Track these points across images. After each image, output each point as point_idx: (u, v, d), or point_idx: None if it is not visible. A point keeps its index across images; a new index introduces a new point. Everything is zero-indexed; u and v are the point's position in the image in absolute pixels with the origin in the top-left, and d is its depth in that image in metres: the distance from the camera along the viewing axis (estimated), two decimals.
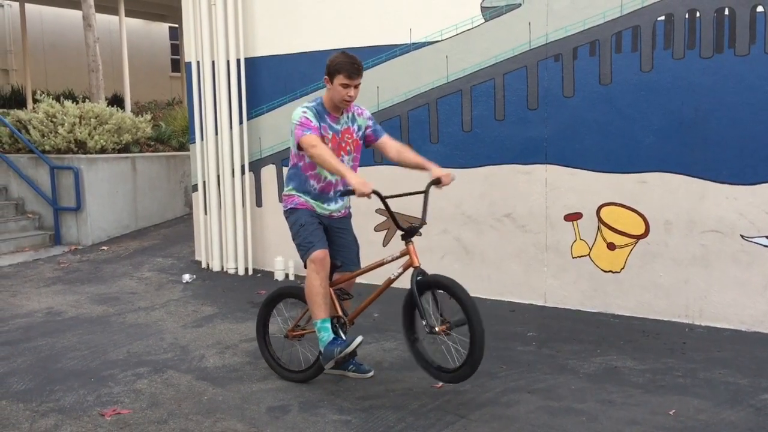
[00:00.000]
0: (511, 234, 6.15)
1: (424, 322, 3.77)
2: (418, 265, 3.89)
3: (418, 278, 3.85)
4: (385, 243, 6.23)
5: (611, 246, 5.74)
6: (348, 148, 4.15)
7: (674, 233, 5.49)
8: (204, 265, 7.82)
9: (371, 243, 5.47)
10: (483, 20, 6.05)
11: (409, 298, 3.94)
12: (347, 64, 4.00)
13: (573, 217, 5.86)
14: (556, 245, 5.96)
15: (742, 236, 5.26)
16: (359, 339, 3.95)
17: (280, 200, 7.38)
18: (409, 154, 4.27)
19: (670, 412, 3.84)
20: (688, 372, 4.45)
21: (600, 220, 5.76)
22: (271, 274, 7.38)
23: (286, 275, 7.26)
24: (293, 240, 4.20)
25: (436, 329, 3.74)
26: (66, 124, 9.37)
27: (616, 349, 4.93)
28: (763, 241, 5.18)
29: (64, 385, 4.36)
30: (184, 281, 7.21)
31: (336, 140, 4.10)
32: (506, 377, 4.40)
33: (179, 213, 10.56)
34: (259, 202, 7.63)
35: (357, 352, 4.10)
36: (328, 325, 4.03)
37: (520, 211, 6.08)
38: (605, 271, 5.79)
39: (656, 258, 5.57)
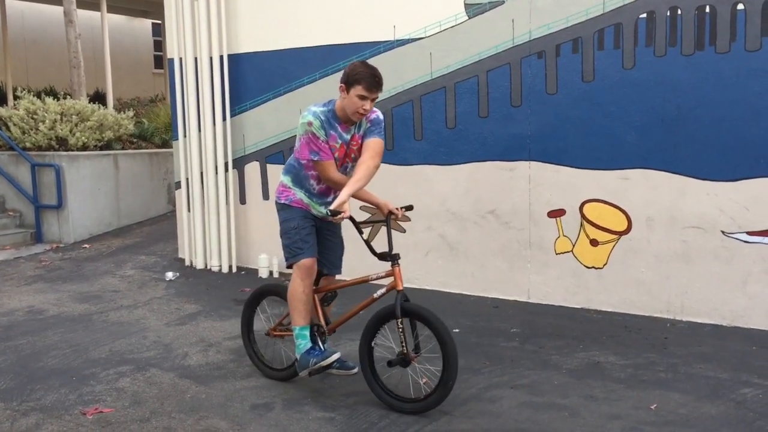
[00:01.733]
0: (494, 230, 6.17)
1: (401, 348, 3.77)
2: (401, 289, 3.77)
3: (404, 302, 3.75)
4: (371, 239, 6.23)
5: (594, 242, 5.77)
6: (353, 155, 3.97)
7: (656, 229, 5.53)
8: (187, 263, 7.78)
9: (357, 239, 5.45)
10: (467, 17, 6.06)
11: (377, 319, 3.89)
12: (368, 76, 3.72)
13: (556, 213, 5.89)
14: (540, 242, 5.99)
15: (722, 232, 5.31)
16: (336, 355, 3.90)
17: (264, 197, 7.40)
18: (360, 178, 3.77)
19: (652, 407, 3.87)
20: (670, 367, 4.49)
21: (583, 216, 5.79)
22: (255, 271, 7.36)
23: (270, 272, 7.25)
24: (281, 236, 4.07)
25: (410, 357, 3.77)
26: (47, 121, 9.28)
27: (599, 344, 4.97)
28: (744, 236, 5.24)
29: (46, 384, 4.32)
30: (167, 279, 7.17)
31: (344, 149, 3.93)
32: (490, 373, 4.42)
33: (162, 210, 10.49)
34: (242, 199, 7.60)
35: (335, 365, 4.01)
36: (307, 332, 3.97)
37: (504, 207, 6.10)
38: (588, 267, 5.83)
39: (638, 254, 5.62)
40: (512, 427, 3.63)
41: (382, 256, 3.87)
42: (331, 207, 3.70)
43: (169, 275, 7.25)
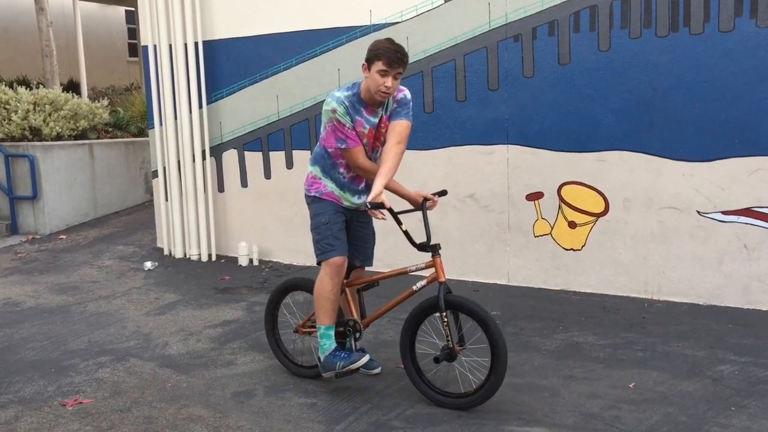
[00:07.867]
0: (474, 214, 6.19)
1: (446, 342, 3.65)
2: (443, 280, 3.63)
3: (447, 294, 3.61)
4: None
5: (572, 224, 5.81)
6: (383, 138, 3.77)
7: (633, 210, 5.58)
8: (166, 252, 7.73)
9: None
10: (443, 1, 6.04)
11: (417, 313, 3.75)
12: (389, 51, 3.61)
13: (534, 196, 5.92)
14: (519, 225, 6.02)
15: (698, 212, 5.37)
16: (365, 358, 3.72)
17: (243, 185, 7.36)
18: (390, 168, 3.63)
19: (630, 385, 3.92)
20: (648, 346, 4.55)
21: (561, 198, 5.82)
22: (234, 259, 7.33)
23: (250, 260, 7.22)
24: (311, 230, 3.87)
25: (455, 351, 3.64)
26: (20, 111, 9.12)
27: (578, 325, 5.02)
28: (719, 216, 5.30)
29: (24, 376, 4.28)
30: (145, 269, 7.12)
31: (372, 133, 3.75)
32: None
33: (140, 200, 10.39)
34: (221, 188, 7.55)
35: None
36: (332, 332, 3.81)
37: (483, 191, 6.12)
38: (566, 249, 5.87)
39: (616, 235, 5.67)
40: (493, 409, 3.66)
41: (421, 247, 3.71)
42: (369, 199, 3.53)
43: (148, 265, 7.20)
